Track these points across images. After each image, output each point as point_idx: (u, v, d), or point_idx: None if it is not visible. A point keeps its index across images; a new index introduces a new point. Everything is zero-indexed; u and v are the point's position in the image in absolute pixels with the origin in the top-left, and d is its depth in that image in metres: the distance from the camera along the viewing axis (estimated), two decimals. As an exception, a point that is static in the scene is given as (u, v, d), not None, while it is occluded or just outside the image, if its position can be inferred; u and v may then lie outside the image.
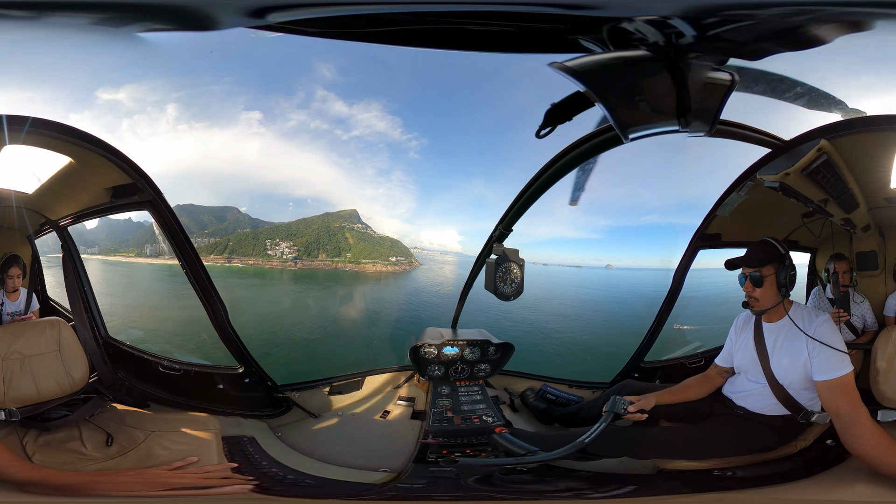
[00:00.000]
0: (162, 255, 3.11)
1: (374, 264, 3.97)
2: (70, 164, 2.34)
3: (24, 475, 1.86)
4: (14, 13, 1.99)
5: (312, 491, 2.17)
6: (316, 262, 3.86)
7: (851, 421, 1.97)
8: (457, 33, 2.14)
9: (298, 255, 3.84)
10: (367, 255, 3.96)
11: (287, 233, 3.81)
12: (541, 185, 2.48)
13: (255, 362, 2.71)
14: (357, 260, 3.95)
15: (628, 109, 1.92)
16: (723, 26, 1.81)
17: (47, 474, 1.89)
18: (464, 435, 2.50)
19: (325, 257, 3.89)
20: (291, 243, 3.83)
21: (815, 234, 2.58)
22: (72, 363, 2.31)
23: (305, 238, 3.86)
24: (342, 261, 3.94)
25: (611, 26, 1.92)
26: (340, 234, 3.94)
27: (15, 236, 2.43)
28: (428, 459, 2.38)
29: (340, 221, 3.92)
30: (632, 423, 2.25)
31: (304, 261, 3.83)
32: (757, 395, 2.20)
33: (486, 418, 2.60)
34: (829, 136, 2.19)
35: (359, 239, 3.95)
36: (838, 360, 2.00)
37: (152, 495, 1.93)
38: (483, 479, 2.22)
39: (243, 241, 3.66)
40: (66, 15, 2.08)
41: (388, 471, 2.32)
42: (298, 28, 2.13)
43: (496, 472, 2.26)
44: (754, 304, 2.20)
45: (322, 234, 3.90)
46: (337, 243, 3.93)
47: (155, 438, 2.20)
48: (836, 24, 1.89)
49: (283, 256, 3.81)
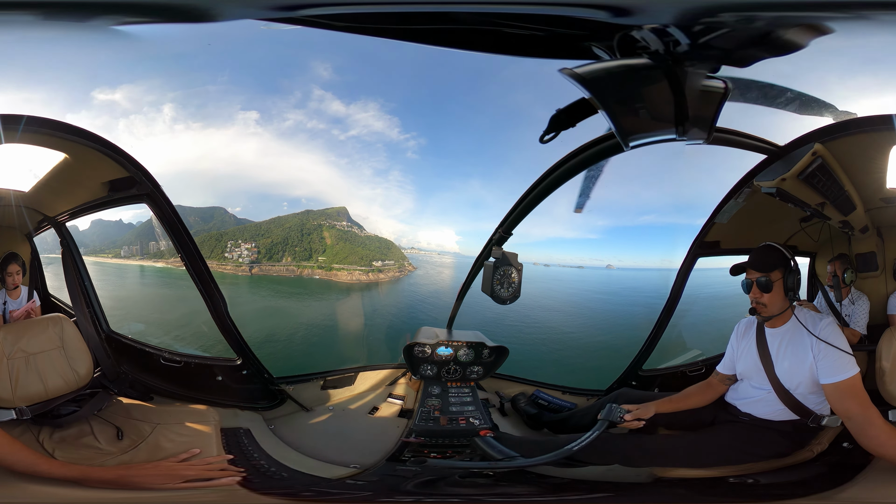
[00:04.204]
0: (134, 256, 3.06)
1: (349, 271, 3.44)
2: (65, 159, 2.34)
3: (57, 472, 1.92)
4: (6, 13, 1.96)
5: (283, 485, 2.19)
6: (277, 266, 3.43)
7: (864, 422, 1.95)
8: (460, 33, 2.11)
9: (258, 258, 3.40)
10: (345, 258, 3.48)
11: (256, 233, 3.45)
12: (542, 190, 2.47)
13: (253, 354, 2.75)
14: (329, 265, 3.45)
15: (629, 117, 1.91)
16: (712, 33, 1.78)
17: (80, 471, 1.95)
18: (448, 436, 2.51)
19: (291, 261, 3.45)
20: (253, 244, 3.41)
21: (813, 239, 2.57)
22: (76, 359, 2.34)
23: (272, 238, 3.46)
24: (310, 265, 3.45)
25: (622, 34, 1.89)
26: (317, 233, 3.50)
27: (13, 234, 2.44)
28: (402, 458, 2.40)
29: (320, 219, 3.52)
30: (628, 432, 2.22)
31: (262, 265, 3.39)
32: (762, 402, 2.18)
33: (472, 420, 2.61)
34: (824, 140, 2.17)
35: (338, 239, 3.52)
36: (844, 361, 1.98)
37: (166, 488, 1.98)
38: (448, 480, 2.23)
39: (204, 243, 3.26)
40: (64, 14, 2.05)
41: (357, 467, 2.34)
42: (290, 17, 2.10)
43: (460, 475, 2.26)
44: (762, 310, 2.16)
45: (292, 234, 3.47)
46: (309, 244, 3.48)
47: (161, 431, 2.25)
48: (825, 26, 1.87)
49: (239, 260, 3.40)
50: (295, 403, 2.87)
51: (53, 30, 2.09)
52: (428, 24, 2.06)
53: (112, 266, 3.03)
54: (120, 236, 3.05)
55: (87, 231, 2.64)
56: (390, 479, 2.29)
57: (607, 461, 2.21)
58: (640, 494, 2.17)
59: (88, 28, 2.10)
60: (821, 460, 2.15)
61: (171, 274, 2.95)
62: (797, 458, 2.16)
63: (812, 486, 2.05)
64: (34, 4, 1.94)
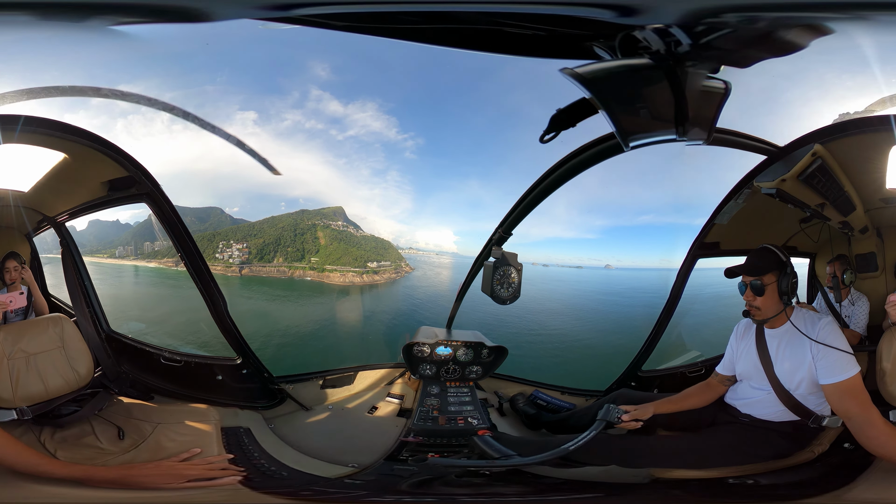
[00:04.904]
0: (129, 256, 3.04)
1: (342, 272, 3.34)
2: (65, 159, 2.34)
3: (60, 473, 1.93)
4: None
5: (283, 483, 2.21)
6: (268, 267, 3.34)
7: (864, 423, 1.95)
8: (461, 32, 2.10)
9: (249, 258, 3.32)
10: (338, 258, 3.39)
11: (248, 233, 3.37)
12: (542, 190, 2.48)
13: (253, 354, 2.75)
14: (321, 266, 3.35)
15: (630, 117, 1.91)
16: (714, 33, 1.78)
17: (83, 471, 1.96)
18: (446, 435, 2.53)
19: (283, 261, 3.37)
20: (244, 245, 3.33)
21: (812, 239, 2.56)
22: (76, 358, 2.34)
23: (264, 238, 3.37)
24: (302, 267, 3.36)
25: (624, 34, 1.88)
26: (310, 233, 3.42)
27: (13, 234, 2.44)
28: (400, 457, 2.42)
29: (315, 219, 3.44)
30: (626, 432, 2.22)
31: (253, 266, 3.31)
32: (762, 402, 2.18)
33: (471, 420, 2.63)
34: (823, 140, 2.16)
35: (332, 239, 3.42)
36: (844, 362, 1.98)
37: (169, 487, 1.99)
38: (446, 480, 2.24)
39: (197, 243, 3.15)
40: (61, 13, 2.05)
41: (356, 466, 2.36)
42: (288, 17, 2.10)
43: (458, 474, 2.27)
44: (756, 314, 2.16)
45: (285, 234, 3.39)
46: (302, 244, 3.39)
47: (161, 430, 2.26)
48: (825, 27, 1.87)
49: (230, 260, 3.33)
50: (294, 402, 2.88)
51: (52, 30, 2.08)
52: (428, 23, 2.06)
53: (106, 266, 3.03)
54: (117, 237, 3.05)
55: (83, 231, 2.64)
56: (388, 479, 2.30)
57: (604, 461, 2.20)
58: (636, 495, 2.17)
59: (86, 28, 2.10)
60: (822, 461, 2.15)
61: (163, 274, 2.93)
62: (798, 458, 2.16)
63: (813, 488, 2.04)
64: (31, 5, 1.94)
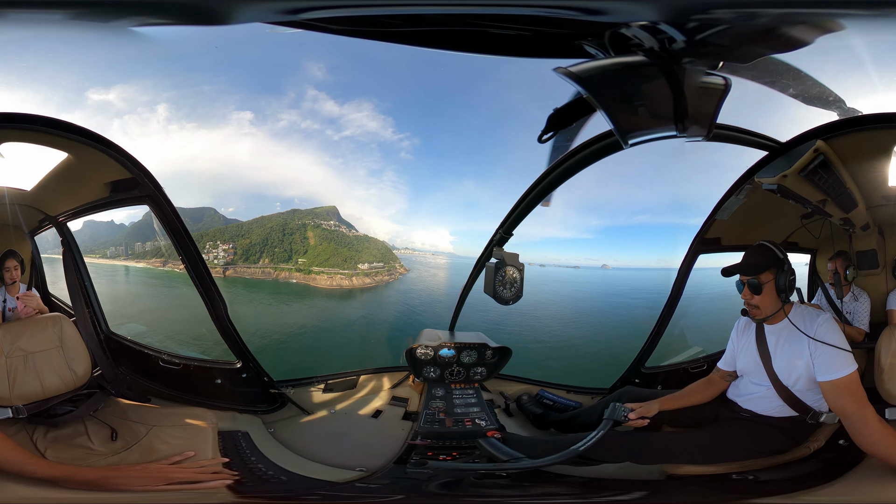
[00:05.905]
0: (119, 256, 3.02)
1: (329, 275, 3.17)
2: (67, 159, 2.35)
3: (43, 472, 1.90)
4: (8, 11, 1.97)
5: (283, 488, 2.19)
6: (252, 268, 3.24)
7: (859, 421, 1.95)
8: (447, 35, 2.12)
9: (234, 259, 3.23)
10: (327, 259, 3.24)
11: (237, 233, 3.28)
12: (541, 190, 2.48)
13: (253, 358, 2.74)
14: (308, 268, 3.22)
15: (628, 115, 1.91)
16: (709, 29, 1.78)
17: (64, 471, 1.94)
18: (454, 437, 2.51)
19: (268, 262, 3.27)
20: (230, 245, 3.24)
21: (814, 236, 2.56)
22: (74, 358, 2.33)
23: (251, 239, 3.28)
24: (288, 268, 3.25)
25: (612, 32, 1.89)
26: (300, 232, 3.31)
27: (13, 234, 2.43)
28: (409, 461, 2.39)
29: (306, 218, 3.34)
30: (633, 430, 2.22)
31: (237, 267, 3.22)
32: (762, 398, 2.19)
33: (478, 422, 2.60)
34: (826, 137, 2.17)
35: (322, 239, 3.31)
36: (841, 359, 1.98)
37: (152, 490, 1.97)
38: (456, 482, 2.22)
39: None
40: (60, 11, 2.06)
41: (364, 470, 2.33)
42: (293, 21, 2.12)
43: (469, 477, 2.26)
44: (754, 312, 2.17)
45: (273, 234, 3.29)
46: (290, 245, 3.28)
47: (156, 433, 2.24)
48: (827, 23, 1.88)
49: (214, 262, 3.25)
50: (296, 407, 2.86)
51: (50, 29, 2.10)
52: (414, 26, 2.07)
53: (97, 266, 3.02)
54: (111, 237, 3.03)
55: (78, 231, 2.64)
56: (401, 482, 2.27)
57: (618, 458, 2.20)
58: (653, 491, 2.16)
59: (84, 28, 2.11)
60: (816, 457, 2.15)
61: (150, 273, 2.91)
62: (795, 454, 2.17)
63: (804, 483, 2.05)
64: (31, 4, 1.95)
